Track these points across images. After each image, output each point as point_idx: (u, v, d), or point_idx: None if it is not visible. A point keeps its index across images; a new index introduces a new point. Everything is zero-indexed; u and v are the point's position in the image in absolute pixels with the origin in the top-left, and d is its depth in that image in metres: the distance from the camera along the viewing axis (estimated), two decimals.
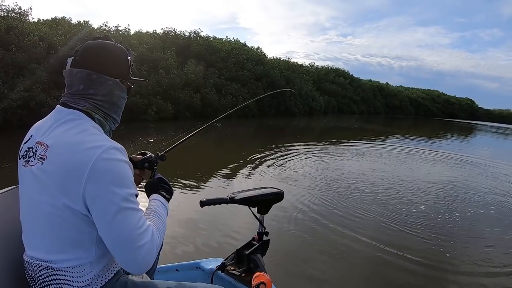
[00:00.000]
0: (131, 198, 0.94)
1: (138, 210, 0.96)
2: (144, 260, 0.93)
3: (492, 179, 8.29)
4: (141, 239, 0.93)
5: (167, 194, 1.22)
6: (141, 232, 0.93)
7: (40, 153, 0.96)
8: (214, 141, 11.36)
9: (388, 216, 4.75)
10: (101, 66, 1.04)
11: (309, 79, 33.58)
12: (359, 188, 6.24)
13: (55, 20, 16.80)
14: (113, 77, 1.06)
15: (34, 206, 0.97)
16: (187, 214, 4.44)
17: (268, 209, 1.54)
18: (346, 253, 3.66)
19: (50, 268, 0.97)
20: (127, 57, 1.12)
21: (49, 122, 1.03)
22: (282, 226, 4.20)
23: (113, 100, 1.09)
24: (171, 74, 17.77)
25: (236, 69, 23.60)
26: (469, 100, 77.28)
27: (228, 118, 19.53)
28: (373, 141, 14.49)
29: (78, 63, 1.04)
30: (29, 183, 0.98)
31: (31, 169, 0.97)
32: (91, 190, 0.90)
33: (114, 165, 0.93)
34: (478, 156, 12.04)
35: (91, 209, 0.92)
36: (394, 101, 52.83)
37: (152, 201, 1.17)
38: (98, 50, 1.06)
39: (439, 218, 4.92)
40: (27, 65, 11.61)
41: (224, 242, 3.69)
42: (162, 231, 1.07)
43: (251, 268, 1.45)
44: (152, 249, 0.96)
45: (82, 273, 0.98)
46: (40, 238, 0.98)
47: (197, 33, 24.41)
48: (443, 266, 3.50)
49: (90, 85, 1.03)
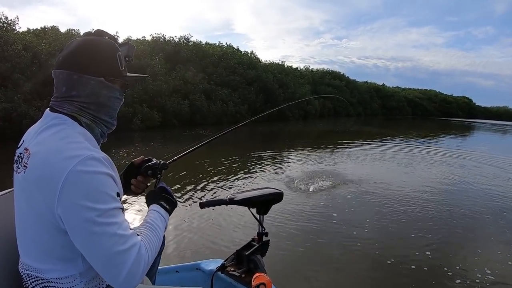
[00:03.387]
0: (109, 213, 0.88)
1: (120, 225, 0.90)
2: (127, 278, 0.88)
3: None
4: (122, 257, 0.88)
5: (167, 205, 1.16)
6: (122, 250, 0.88)
7: (24, 161, 0.95)
8: (206, 147, 11.37)
9: (390, 217, 4.83)
10: (82, 65, 0.99)
11: (304, 82, 33.81)
12: (360, 188, 6.31)
13: (44, 30, 16.76)
14: (96, 76, 1.00)
15: (22, 213, 0.97)
16: (186, 215, 4.50)
17: (267, 209, 1.58)
18: (347, 254, 3.71)
19: (40, 278, 0.96)
20: (115, 53, 1.04)
21: (36, 127, 1.02)
22: (282, 226, 4.27)
23: (99, 100, 1.03)
24: (158, 81, 17.68)
25: (227, 74, 23.67)
26: (466, 98, 78.60)
27: (218, 124, 19.59)
28: (369, 143, 14.62)
29: (60, 64, 1.00)
30: (18, 189, 0.99)
31: (17, 176, 0.98)
32: (64, 205, 0.86)
33: (89, 178, 0.87)
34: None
35: (66, 226, 0.88)
36: (391, 102, 53.48)
37: (150, 212, 1.12)
38: (80, 48, 1.00)
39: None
40: (10, 75, 11.60)
41: (224, 243, 3.75)
42: (154, 244, 1.01)
43: (251, 268, 1.49)
44: (137, 266, 0.90)
45: (71, 284, 0.96)
46: (29, 246, 0.97)
47: (187, 38, 24.57)
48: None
49: (72, 87, 0.99)
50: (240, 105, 22.72)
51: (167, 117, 17.28)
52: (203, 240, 3.80)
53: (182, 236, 3.87)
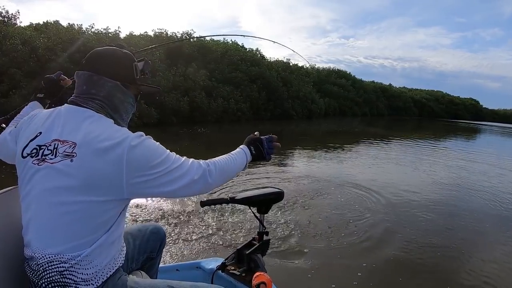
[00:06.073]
0: (169, 158, 1.10)
1: (179, 159, 1.13)
2: (206, 183, 1.16)
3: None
4: (196, 175, 1.13)
5: (254, 151, 1.38)
6: (194, 172, 1.12)
7: (65, 150, 1.04)
8: (205, 146, 11.42)
9: (393, 218, 4.86)
10: (101, 69, 1.16)
11: (309, 80, 33.78)
12: (361, 188, 6.35)
13: (46, 24, 16.80)
14: (113, 79, 1.17)
15: (48, 201, 1.03)
16: (187, 214, 4.55)
17: (268, 208, 1.62)
18: (347, 253, 3.75)
19: (57, 261, 1.03)
20: (131, 62, 1.22)
21: (62, 119, 1.11)
22: (283, 226, 4.31)
23: (114, 102, 1.18)
24: (157, 77, 17.60)
25: (229, 71, 23.59)
26: (473, 100, 78.41)
27: (219, 122, 19.57)
28: (377, 144, 14.63)
29: (82, 66, 1.18)
30: (45, 179, 1.04)
31: (51, 166, 1.04)
32: (135, 180, 1.03)
33: (144, 147, 1.06)
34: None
35: (143, 193, 1.08)
36: (397, 102, 53.34)
37: (238, 148, 1.37)
38: (101, 54, 1.19)
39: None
40: (7, 70, 11.67)
41: (225, 242, 3.80)
42: (225, 166, 1.24)
43: (251, 268, 1.52)
44: (211, 173, 1.17)
45: (88, 266, 1.05)
46: (52, 232, 1.04)
47: (190, 34, 24.46)
48: None
49: (92, 86, 1.15)
50: (242, 102, 22.66)
51: (165, 114, 17.15)
52: (203, 239, 3.85)
53: (182, 235, 3.93)
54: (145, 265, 1.50)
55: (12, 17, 13.85)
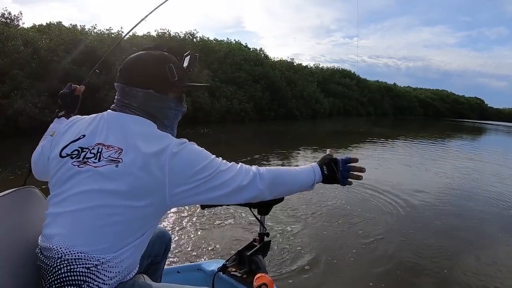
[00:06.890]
0: (214, 162, 1.07)
1: (226, 164, 1.10)
2: (256, 190, 1.10)
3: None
4: (244, 180, 1.08)
5: (326, 172, 1.25)
6: (242, 177, 1.09)
7: (111, 156, 1.03)
8: (208, 147, 11.41)
9: (396, 219, 4.84)
10: (130, 79, 1.16)
11: (313, 80, 33.79)
12: (363, 188, 6.31)
13: (49, 25, 16.90)
14: (144, 88, 1.14)
15: (87, 202, 1.01)
16: (188, 216, 4.56)
17: (269, 210, 1.62)
18: (349, 254, 3.73)
19: (82, 259, 1.00)
20: (163, 65, 1.16)
21: (106, 124, 1.11)
22: (283, 226, 4.31)
23: (150, 111, 1.15)
24: None
25: (232, 71, 23.65)
26: (479, 99, 78.28)
27: (222, 123, 19.59)
28: (382, 143, 14.59)
29: (117, 78, 1.19)
30: (86, 181, 1.03)
31: (94, 169, 1.03)
32: (178, 189, 1.02)
33: (185, 153, 1.05)
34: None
35: (186, 202, 1.06)
36: (402, 102, 53.28)
37: (308, 165, 1.27)
38: (130, 62, 1.19)
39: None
40: (8, 71, 11.73)
41: (225, 244, 3.81)
42: (282, 175, 1.18)
43: (252, 269, 1.53)
44: (263, 179, 1.11)
45: (112, 268, 1.02)
46: (86, 232, 1.01)
47: (193, 34, 24.60)
48: None
49: (125, 97, 1.16)
50: (246, 102, 22.68)
51: None
52: (204, 241, 3.85)
53: (183, 237, 3.93)
54: (149, 269, 1.47)
55: (14, 18, 13.94)
